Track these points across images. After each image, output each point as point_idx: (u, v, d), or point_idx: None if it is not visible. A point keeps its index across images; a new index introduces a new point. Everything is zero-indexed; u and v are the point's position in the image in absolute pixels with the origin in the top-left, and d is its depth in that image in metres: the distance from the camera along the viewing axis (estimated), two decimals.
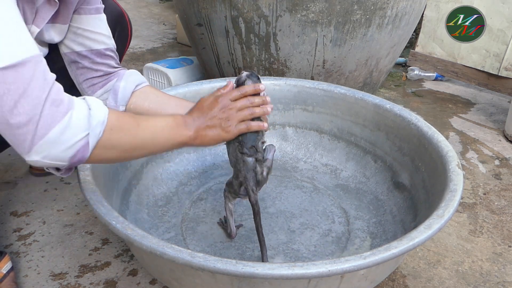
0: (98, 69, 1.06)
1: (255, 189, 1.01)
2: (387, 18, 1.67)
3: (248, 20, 1.65)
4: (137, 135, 0.83)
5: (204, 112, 0.91)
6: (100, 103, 0.77)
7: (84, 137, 0.72)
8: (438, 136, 1.15)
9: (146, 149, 0.86)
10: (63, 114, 0.68)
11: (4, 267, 1.04)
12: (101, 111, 0.75)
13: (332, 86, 1.45)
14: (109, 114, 0.77)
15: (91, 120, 0.72)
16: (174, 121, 0.88)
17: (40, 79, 0.67)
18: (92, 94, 1.08)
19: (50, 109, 0.67)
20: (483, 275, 1.16)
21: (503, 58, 2.18)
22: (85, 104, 0.74)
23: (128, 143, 0.82)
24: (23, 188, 1.42)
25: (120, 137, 0.80)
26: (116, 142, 0.79)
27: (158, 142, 0.87)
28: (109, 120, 0.76)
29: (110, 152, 0.79)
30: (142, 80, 1.12)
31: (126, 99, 1.09)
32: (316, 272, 0.72)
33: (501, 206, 1.44)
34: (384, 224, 1.23)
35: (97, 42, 1.04)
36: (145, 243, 0.77)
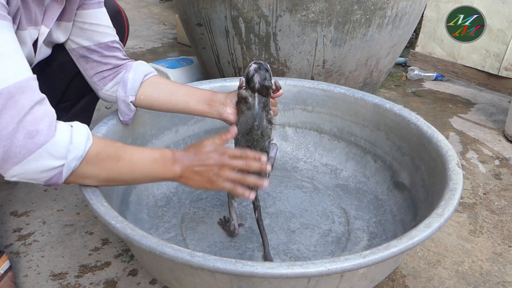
0: (108, 62, 1.08)
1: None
2: (387, 18, 1.67)
3: (248, 20, 1.65)
4: (113, 170, 0.84)
5: (199, 156, 0.89)
6: (85, 135, 0.78)
7: (58, 166, 0.75)
8: (437, 135, 1.15)
9: (123, 181, 0.89)
10: (37, 145, 0.70)
11: (2, 266, 1.04)
12: (81, 145, 0.76)
13: (332, 86, 1.45)
14: (91, 147, 0.79)
15: (68, 154, 0.74)
16: (161, 157, 0.88)
17: (12, 110, 0.69)
18: (103, 87, 1.11)
19: (23, 140, 0.69)
20: (483, 275, 1.16)
21: (503, 58, 2.18)
22: (67, 135, 0.75)
23: (103, 176, 0.85)
24: (23, 188, 1.42)
25: (95, 170, 0.82)
26: (91, 174, 0.82)
27: (136, 177, 0.88)
28: (88, 155, 0.78)
29: (85, 180, 0.84)
30: (150, 70, 1.14)
31: (136, 89, 1.10)
32: (316, 271, 0.72)
33: (501, 206, 1.44)
34: (384, 224, 1.23)
35: (103, 35, 1.07)
36: (145, 243, 0.77)
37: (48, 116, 0.74)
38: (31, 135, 0.70)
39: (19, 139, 0.69)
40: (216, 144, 0.91)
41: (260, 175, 0.95)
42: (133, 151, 0.88)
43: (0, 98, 0.68)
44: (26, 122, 0.70)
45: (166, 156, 0.88)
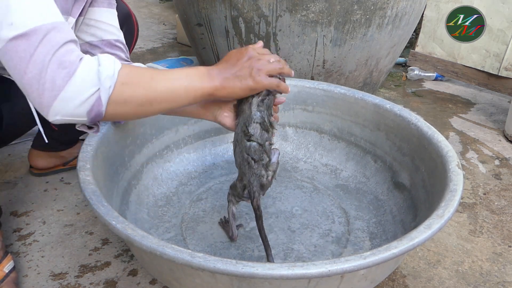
0: None
1: (258, 194, 0.99)
2: (387, 18, 1.67)
3: (248, 20, 1.65)
4: (150, 88, 0.81)
5: (232, 62, 0.88)
6: (112, 59, 0.77)
7: (94, 92, 0.74)
8: (438, 136, 1.15)
9: (164, 102, 0.84)
10: (70, 73, 0.71)
11: (7, 265, 1.04)
12: (110, 66, 0.75)
13: (332, 86, 1.44)
14: (121, 69, 0.77)
15: (100, 75, 0.74)
16: (196, 72, 0.86)
17: (47, 45, 0.70)
18: None
19: (56, 71, 0.70)
20: (483, 275, 1.16)
21: (503, 58, 2.18)
22: (95, 61, 0.75)
23: (142, 96, 0.81)
24: (23, 188, 1.42)
25: (132, 91, 0.79)
26: (129, 96, 0.79)
27: (177, 94, 0.85)
28: (120, 75, 0.76)
29: (125, 107, 0.80)
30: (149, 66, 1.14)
31: None
32: (316, 272, 0.72)
33: (501, 206, 1.44)
34: (384, 224, 1.23)
35: (108, 32, 1.08)
36: (145, 243, 0.77)
37: (78, 51, 0.75)
38: (64, 65, 0.71)
39: (54, 70, 0.70)
40: (243, 48, 0.91)
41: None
42: (165, 70, 0.87)
43: (38, 34, 0.70)
44: (59, 54, 0.71)
45: (201, 71, 0.87)
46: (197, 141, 1.46)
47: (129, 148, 1.23)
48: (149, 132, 1.31)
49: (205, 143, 1.47)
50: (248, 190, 0.99)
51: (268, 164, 1.01)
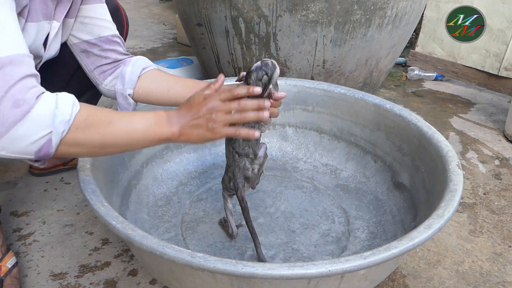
0: (107, 56, 1.09)
1: (242, 185, 1.02)
2: (387, 18, 1.67)
3: (248, 20, 1.65)
4: (106, 133, 0.80)
5: (192, 110, 0.88)
6: (71, 101, 0.75)
7: (46, 135, 0.72)
8: (438, 136, 1.15)
9: (120, 146, 0.85)
10: (23, 113, 0.69)
11: (9, 261, 1.05)
12: (67, 110, 0.74)
13: (332, 86, 1.44)
14: (79, 112, 0.76)
15: (54, 119, 0.72)
16: (155, 117, 0.86)
17: (1, 80, 0.68)
18: (103, 81, 1.12)
19: (9, 109, 0.68)
20: (483, 275, 1.16)
21: (503, 58, 2.18)
22: (53, 102, 0.73)
23: (96, 141, 0.80)
24: (23, 188, 1.42)
25: (87, 135, 0.78)
26: (82, 140, 0.78)
27: (133, 139, 0.85)
28: (77, 119, 0.75)
29: (77, 149, 0.79)
30: (149, 64, 1.14)
31: (133, 82, 1.10)
32: (316, 272, 0.72)
33: (501, 206, 1.44)
34: (384, 224, 1.23)
35: (104, 29, 1.08)
36: (145, 243, 0.77)
37: (37, 87, 0.72)
38: (18, 104, 0.68)
39: (6, 107, 0.68)
40: (204, 94, 0.89)
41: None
42: (125, 114, 0.88)
43: None
44: (14, 91, 0.69)
45: (160, 116, 0.86)
46: None
47: None
48: None
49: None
50: (232, 182, 1.02)
51: (254, 158, 1.03)
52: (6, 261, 1.05)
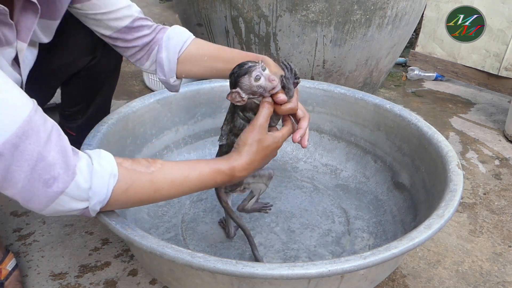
0: (133, 45, 1.03)
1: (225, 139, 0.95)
2: (387, 18, 1.67)
3: (248, 20, 1.65)
4: (150, 200, 0.79)
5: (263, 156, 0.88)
6: (107, 173, 0.72)
7: (83, 208, 0.73)
8: (438, 136, 1.15)
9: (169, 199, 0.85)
10: (57, 193, 0.67)
11: (9, 263, 1.05)
12: (102, 189, 0.71)
13: (332, 86, 1.44)
14: (117, 184, 0.72)
15: (90, 200, 0.72)
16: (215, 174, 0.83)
17: (21, 161, 0.64)
18: (142, 67, 1.07)
19: (42, 189, 0.66)
20: (483, 275, 1.16)
21: (503, 58, 2.18)
22: (87, 178, 0.70)
23: (141, 204, 0.81)
24: None
25: (127, 203, 0.78)
26: (125, 206, 0.80)
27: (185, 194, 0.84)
28: (115, 192, 0.73)
29: (120, 207, 0.80)
30: (183, 39, 1.04)
31: (173, 70, 1.04)
32: (316, 272, 0.72)
33: (501, 206, 1.44)
34: (384, 224, 1.23)
35: (120, 19, 0.99)
36: (145, 243, 0.77)
37: (61, 155, 0.68)
38: (48, 184, 0.66)
39: (38, 189, 0.66)
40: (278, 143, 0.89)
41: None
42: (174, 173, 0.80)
43: (6, 153, 0.63)
44: (39, 170, 0.65)
45: (221, 173, 0.83)
46: (197, 141, 1.46)
47: (129, 148, 1.23)
48: (149, 132, 1.32)
49: (205, 143, 1.47)
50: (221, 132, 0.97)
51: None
52: (6, 264, 1.04)
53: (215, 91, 1.43)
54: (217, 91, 1.43)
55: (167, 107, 1.35)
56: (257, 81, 0.83)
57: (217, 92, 1.43)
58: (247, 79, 0.84)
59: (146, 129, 1.30)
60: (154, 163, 0.78)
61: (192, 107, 1.41)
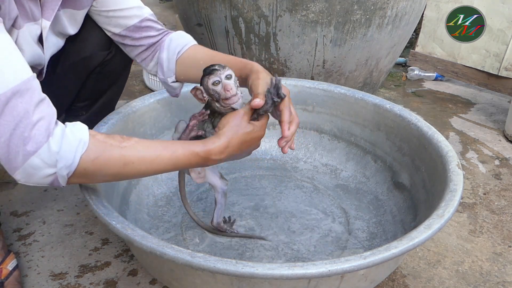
0: (140, 44, 1.08)
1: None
2: (387, 18, 1.67)
3: (248, 20, 1.65)
4: (119, 174, 0.80)
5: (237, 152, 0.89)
6: (75, 141, 0.74)
7: (52, 174, 0.74)
8: (438, 136, 1.15)
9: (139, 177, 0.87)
10: (30, 152, 0.70)
11: (10, 263, 1.05)
12: (69, 153, 0.73)
13: (332, 86, 1.44)
14: (85, 153, 0.74)
15: (57, 163, 0.73)
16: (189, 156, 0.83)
17: (8, 116, 0.69)
18: (146, 67, 1.12)
19: (20, 146, 0.70)
20: (483, 275, 1.16)
21: (503, 58, 2.18)
22: (57, 143, 0.72)
23: (110, 177, 0.82)
24: (23, 188, 1.42)
25: (95, 174, 0.78)
26: (92, 177, 0.79)
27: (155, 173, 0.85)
28: (82, 160, 0.74)
29: (90, 180, 0.83)
30: (184, 43, 1.09)
31: (172, 70, 1.08)
32: (316, 272, 0.72)
33: (501, 206, 1.44)
34: (384, 224, 1.23)
35: (129, 18, 1.05)
36: (145, 243, 0.77)
37: (45, 120, 0.72)
38: (25, 142, 0.70)
39: (16, 145, 0.70)
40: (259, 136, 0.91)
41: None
42: (146, 150, 0.81)
43: None
44: (21, 127, 0.70)
45: (196, 155, 0.83)
46: None
47: None
48: (149, 132, 1.32)
49: None
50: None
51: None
52: (7, 264, 1.04)
53: None
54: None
55: (167, 107, 1.35)
56: (214, 85, 0.88)
57: None
58: (206, 81, 0.89)
59: (146, 129, 1.30)
60: (129, 139, 0.80)
61: (192, 107, 1.40)
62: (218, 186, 1.09)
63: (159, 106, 1.33)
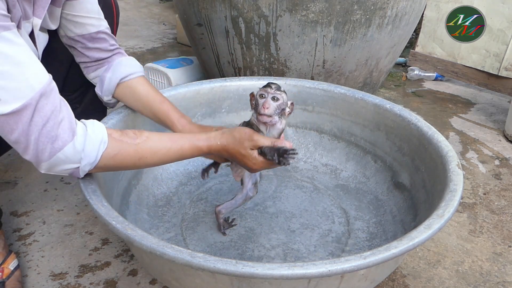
0: (89, 55, 1.11)
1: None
2: (387, 18, 1.67)
3: (248, 20, 1.65)
4: (135, 166, 0.90)
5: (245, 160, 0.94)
6: (98, 140, 0.82)
7: (74, 168, 0.83)
8: (438, 136, 1.15)
9: (150, 166, 0.98)
10: (57, 149, 0.79)
11: (12, 263, 1.05)
12: (92, 152, 0.82)
13: (332, 86, 1.44)
14: (106, 150, 0.83)
15: (81, 161, 0.82)
16: (193, 150, 0.93)
17: (37, 117, 0.76)
18: (87, 75, 1.16)
19: (46, 144, 0.78)
20: (483, 275, 1.16)
21: (503, 58, 2.18)
22: (81, 142, 0.81)
23: (126, 168, 0.92)
24: (23, 188, 1.42)
25: (114, 167, 0.89)
26: (111, 168, 0.89)
27: (164, 163, 0.95)
28: (104, 157, 0.84)
29: (107, 171, 0.92)
30: (132, 71, 1.14)
31: (111, 91, 1.14)
32: (316, 272, 0.72)
33: (501, 206, 1.44)
34: (384, 224, 1.23)
35: (88, 26, 1.07)
36: (145, 243, 0.77)
37: (67, 119, 0.80)
38: (52, 140, 0.78)
39: (44, 143, 0.77)
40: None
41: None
42: (157, 145, 0.90)
43: (29, 108, 0.75)
44: (48, 127, 0.77)
45: (199, 150, 0.93)
46: None
47: None
48: None
49: None
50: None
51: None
52: (8, 264, 1.05)
53: (215, 91, 1.43)
54: (217, 91, 1.43)
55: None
56: (260, 97, 0.95)
57: (217, 92, 1.44)
58: (258, 90, 0.96)
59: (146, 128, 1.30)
60: (141, 135, 0.89)
61: (192, 107, 1.41)
62: (246, 188, 1.11)
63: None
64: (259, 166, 0.94)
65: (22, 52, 0.77)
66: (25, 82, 0.75)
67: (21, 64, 0.75)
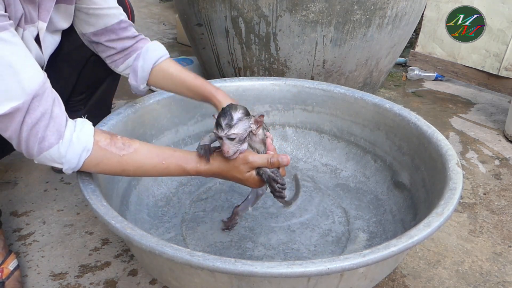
0: (116, 46, 1.11)
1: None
2: (387, 18, 1.67)
3: (248, 20, 1.65)
4: (117, 175, 0.94)
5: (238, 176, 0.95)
6: (80, 147, 0.84)
7: (61, 167, 0.86)
8: (437, 135, 1.15)
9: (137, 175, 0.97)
10: (43, 149, 0.82)
11: (11, 263, 1.05)
12: (73, 159, 0.84)
13: (332, 86, 1.44)
14: (88, 159, 0.85)
15: (63, 165, 0.85)
16: (181, 171, 0.93)
17: (28, 118, 0.79)
18: (116, 69, 1.16)
19: (34, 143, 0.81)
20: (483, 275, 1.16)
21: (503, 58, 2.18)
22: (64, 147, 0.83)
23: (113, 174, 0.94)
24: (23, 188, 1.42)
25: (101, 173, 0.92)
26: (97, 173, 0.93)
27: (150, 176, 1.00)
28: (86, 164, 0.86)
29: (94, 173, 0.94)
30: (160, 54, 1.14)
31: (145, 78, 1.14)
32: (316, 270, 0.72)
33: (501, 206, 1.44)
34: (384, 224, 1.23)
35: (109, 17, 1.08)
36: (145, 243, 0.77)
37: (57, 121, 0.82)
38: (40, 141, 0.81)
39: (32, 142, 0.81)
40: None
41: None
42: (143, 160, 0.91)
43: (21, 111, 0.78)
44: (37, 128, 0.80)
45: (186, 172, 0.93)
46: (197, 142, 1.45)
47: None
48: (149, 132, 1.32)
49: None
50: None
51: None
52: (8, 264, 1.05)
53: None
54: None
55: (167, 108, 1.35)
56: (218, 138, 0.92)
57: None
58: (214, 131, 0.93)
59: (146, 129, 1.30)
60: (129, 145, 0.89)
61: (191, 108, 1.41)
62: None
63: (159, 107, 1.33)
64: (261, 184, 0.96)
65: (17, 52, 0.78)
66: (18, 84, 0.77)
67: (14, 66, 0.76)
